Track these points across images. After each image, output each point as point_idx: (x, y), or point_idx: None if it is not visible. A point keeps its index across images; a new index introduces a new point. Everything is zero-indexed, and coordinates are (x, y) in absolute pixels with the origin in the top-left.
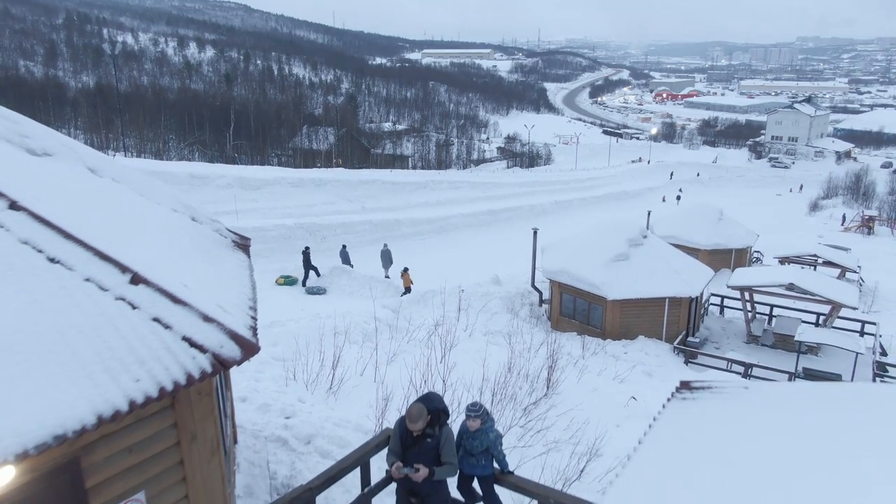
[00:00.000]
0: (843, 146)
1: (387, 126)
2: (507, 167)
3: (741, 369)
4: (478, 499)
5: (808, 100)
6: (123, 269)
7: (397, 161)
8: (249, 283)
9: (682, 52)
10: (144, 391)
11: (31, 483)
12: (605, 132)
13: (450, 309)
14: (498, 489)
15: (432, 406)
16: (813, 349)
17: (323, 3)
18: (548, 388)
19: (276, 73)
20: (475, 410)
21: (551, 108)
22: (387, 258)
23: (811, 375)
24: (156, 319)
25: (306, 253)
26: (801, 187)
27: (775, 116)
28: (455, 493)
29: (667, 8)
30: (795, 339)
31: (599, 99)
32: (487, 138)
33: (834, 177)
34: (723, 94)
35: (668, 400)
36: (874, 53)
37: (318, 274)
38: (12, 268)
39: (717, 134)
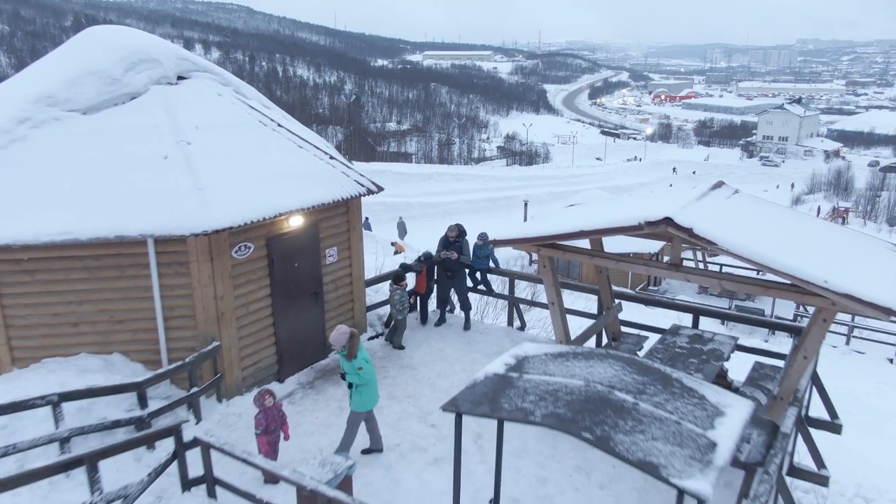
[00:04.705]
0: (832, 145)
1: (392, 126)
2: (507, 165)
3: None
4: (479, 283)
5: (799, 101)
6: (325, 152)
7: (401, 158)
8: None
9: (682, 54)
10: (344, 196)
11: (305, 226)
12: (603, 132)
13: None
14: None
15: (460, 228)
16: (750, 296)
17: (324, 4)
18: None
19: (280, 74)
20: (485, 236)
21: (551, 110)
22: (402, 228)
23: (739, 309)
24: (343, 173)
25: None
26: (793, 186)
27: (766, 116)
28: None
29: (667, 10)
30: None
31: (598, 100)
32: (488, 138)
33: (817, 173)
34: (721, 96)
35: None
36: (873, 56)
37: None
38: (288, 149)
39: (712, 134)
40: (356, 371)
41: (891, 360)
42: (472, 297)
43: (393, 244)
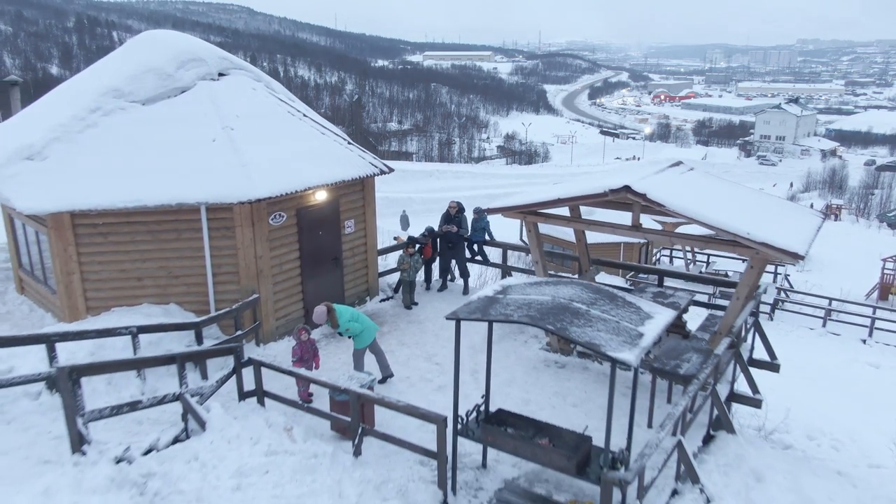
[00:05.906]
0: (829, 145)
1: (392, 126)
2: (507, 164)
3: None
4: (476, 254)
5: (796, 100)
6: (343, 138)
7: (402, 158)
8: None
9: (682, 55)
10: (360, 174)
11: (328, 200)
12: (603, 132)
13: None
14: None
15: (460, 205)
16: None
17: (324, 5)
18: None
19: (282, 74)
20: (480, 209)
21: (550, 110)
22: (405, 221)
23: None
24: (360, 156)
25: None
26: (792, 185)
27: (763, 116)
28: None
29: (667, 10)
30: None
31: (598, 101)
32: (488, 138)
33: (812, 172)
34: (720, 96)
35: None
36: (873, 56)
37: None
38: (312, 135)
39: (710, 134)
40: (346, 331)
41: (864, 341)
42: (469, 266)
43: (395, 238)
